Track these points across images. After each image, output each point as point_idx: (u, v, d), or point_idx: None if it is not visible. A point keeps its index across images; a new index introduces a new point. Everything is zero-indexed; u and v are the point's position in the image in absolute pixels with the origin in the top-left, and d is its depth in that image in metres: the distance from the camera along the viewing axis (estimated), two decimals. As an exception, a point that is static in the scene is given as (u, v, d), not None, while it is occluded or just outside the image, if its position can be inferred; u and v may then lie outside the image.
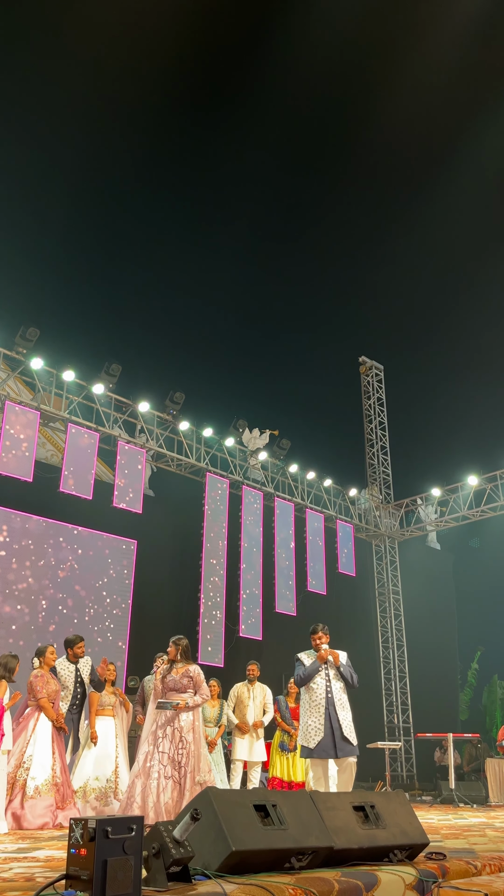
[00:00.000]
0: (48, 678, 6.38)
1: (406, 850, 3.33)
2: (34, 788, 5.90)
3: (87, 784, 6.54)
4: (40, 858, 3.65)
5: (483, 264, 18.37)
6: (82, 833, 2.30)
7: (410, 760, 14.37)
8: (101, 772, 6.64)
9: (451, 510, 14.83)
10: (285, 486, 13.93)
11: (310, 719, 5.80)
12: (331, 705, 5.76)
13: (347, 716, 5.83)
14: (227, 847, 2.73)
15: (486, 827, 5.85)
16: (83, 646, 7.14)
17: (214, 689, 8.11)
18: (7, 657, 6.10)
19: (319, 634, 6.06)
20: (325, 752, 5.68)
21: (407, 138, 17.91)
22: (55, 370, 10.94)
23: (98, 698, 6.89)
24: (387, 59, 16.77)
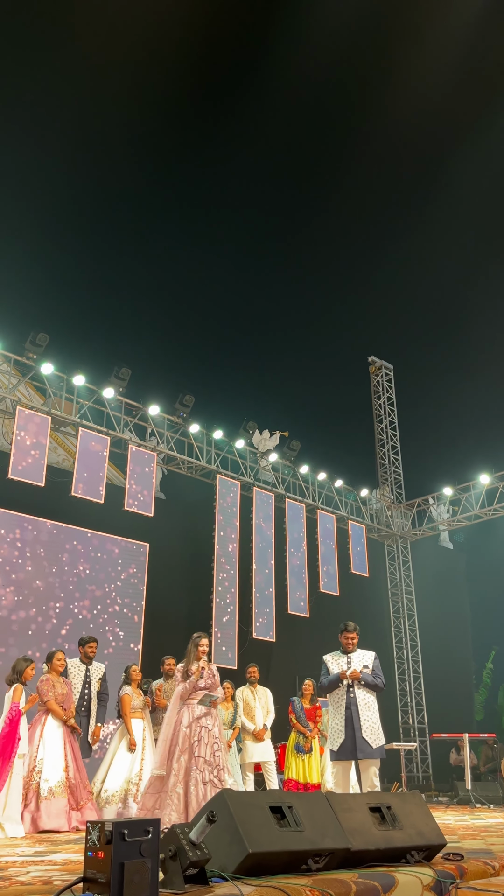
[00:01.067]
0: (54, 682, 6.42)
1: (423, 851, 3.32)
2: (48, 790, 5.93)
3: (122, 788, 6.52)
4: (58, 862, 3.66)
5: (493, 262, 18.31)
6: (99, 836, 2.31)
7: (426, 761, 14.31)
8: (133, 774, 6.62)
9: (463, 509, 14.77)
10: (296, 488, 13.91)
11: (334, 721, 5.74)
12: (352, 705, 5.64)
13: (371, 716, 5.67)
14: (244, 849, 2.72)
15: (503, 827, 5.81)
16: (95, 646, 7.16)
17: (228, 690, 8.11)
18: (19, 661, 6.14)
19: (353, 635, 5.92)
20: (348, 754, 5.55)
21: (416, 134, 17.89)
22: (65, 375, 10.98)
23: (131, 701, 6.87)
24: (390, 53, 16.75)
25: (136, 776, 6.60)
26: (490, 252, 18.45)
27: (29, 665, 6.10)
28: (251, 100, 17.38)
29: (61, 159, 15.62)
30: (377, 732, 5.65)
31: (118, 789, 6.49)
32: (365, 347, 17.42)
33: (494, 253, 18.31)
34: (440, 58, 16.02)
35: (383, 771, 11.38)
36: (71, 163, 15.90)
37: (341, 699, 5.71)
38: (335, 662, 5.88)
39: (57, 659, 6.60)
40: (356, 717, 5.60)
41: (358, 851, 3.08)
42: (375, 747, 5.59)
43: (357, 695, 5.69)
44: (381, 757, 5.68)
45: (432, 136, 18.16)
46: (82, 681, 6.91)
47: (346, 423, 18.22)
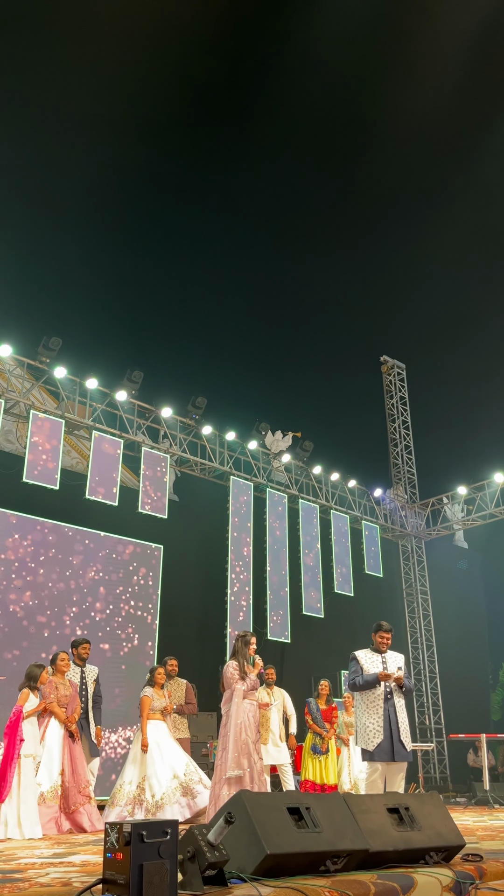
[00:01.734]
0: (57, 683, 6.44)
1: (442, 851, 3.31)
2: (39, 795, 5.95)
3: (169, 788, 6.51)
4: (76, 863, 3.67)
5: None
6: (118, 837, 2.32)
7: (443, 762, 14.24)
8: (177, 767, 6.60)
9: (477, 508, 14.69)
10: (309, 488, 13.90)
11: (368, 720, 5.53)
12: (391, 707, 5.53)
13: (405, 719, 5.62)
14: (262, 850, 2.72)
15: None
16: (88, 648, 7.19)
17: None
18: (32, 667, 6.17)
19: (388, 635, 5.80)
20: (384, 755, 5.45)
21: (430, 133, 17.82)
22: (78, 378, 11.03)
23: (149, 702, 6.85)
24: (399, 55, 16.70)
25: (182, 773, 6.56)
26: (502, 250, 18.35)
27: (43, 670, 6.12)
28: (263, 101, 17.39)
29: (73, 162, 15.69)
30: (408, 735, 5.60)
31: (165, 792, 6.45)
32: (377, 347, 17.38)
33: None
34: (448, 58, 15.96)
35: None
36: (82, 166, 15.96)
37: (378, 699, 5.56)
38: (370, 661, 5.71)
39: (61, 660, 6.63)
40: (394, 720, 5.50)
41: (376, 853, 3.08)
42: (409, 750, 5.56)
43: (394, 697, 5.59)
44: (409, 759, 5.66)
45: (443, 135, 18.09)
46: (79, 682, 6.94)
47: (359, 422, 18.17)
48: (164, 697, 6.99)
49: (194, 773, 6.59)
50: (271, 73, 16.96)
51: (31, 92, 15.13)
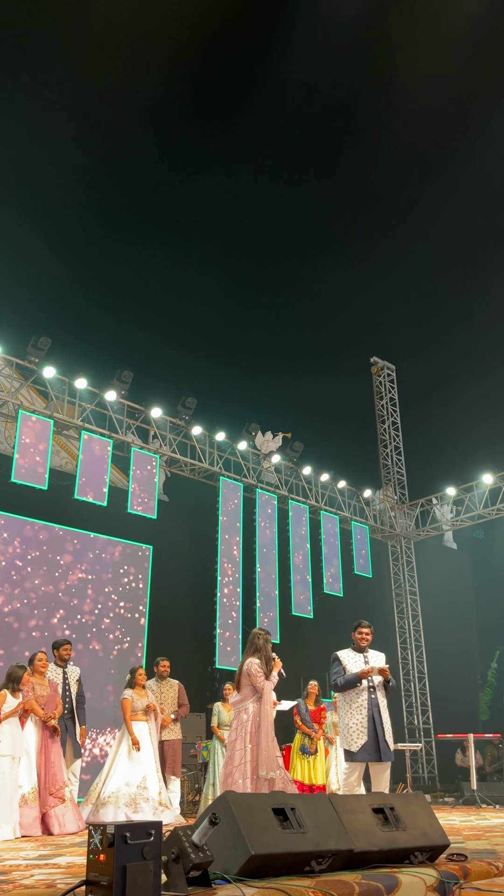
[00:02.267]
0: (34, 684, 6.42)
1: (427, 851, 3.32)
2: (21, 797, 5.93)
3: (119, 790, 6.52)
4: (62, 865, 3.66)
5: (496, 262, 18.29)
6: (101, 839, 2.31)
7: (431, 762, 14.28)
8: (133, 777, 6.62)
9: (466, 509, 14.75)
10: (299, 489, 13.92)
11: (351, 720, 5.46)
12: (374, 707, 5.47)
13: (388, 718, 5.58)
14: (247, 851, 2.73)
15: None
16: (69, 648, 7.17)
17: (229, 691, 8.12)
18: (13, 667, 6.15)
19: (367, 630, 5.75)
20: (368, 756, 5.42)
21: (419, 135, 17.88)
22: (67, 378, 11.01)
23: (130, 704, 6.87)
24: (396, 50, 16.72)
25: (143, 780, 6.58)
26: (494, 253, 18.44)
27: (25, 671, 6.10)
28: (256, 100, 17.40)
29: (62, 162, 15.66)
30: (391, 733, 5.57)
31: (115, 791, 6.48)
32: (367, 348, 17.42)
33: (498, 254, 18.29)
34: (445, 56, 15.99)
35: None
36: (72, 166, 15.93)
37: (362, 700, 5.51)
38: (351, 661, 5.66)
39: (38, 660, 6.60)
40: (378, 719, 5.46)
41: (361, 853, 3.08)
42: (392, 750, 5.55)
43: (378, 695, 5.55)
44: (392, 759, 5.64)
45: (436, 137, 18.16)
46: (61, 684, 6.92)
47: (349, 424, 18.21)
48: (146, 697, 6.99)
49: (147, 790, 6.53)
50: (264, 74, 16.98)
51: (17, 90, 15.08)
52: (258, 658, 5.78)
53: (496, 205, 17.82)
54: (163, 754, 7.45)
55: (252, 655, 5.83)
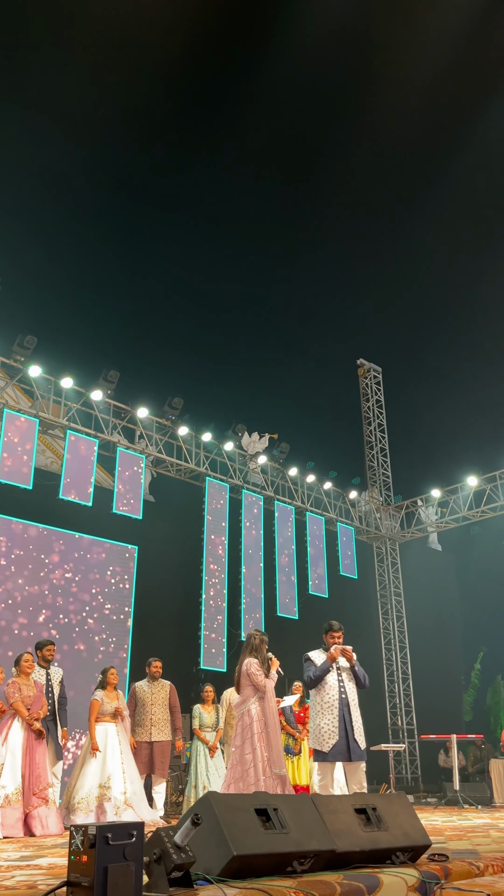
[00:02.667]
0: (21, 684, 6.39)
1: (408, 851, 3.33)
2: (4, 797, 5.91)
3: (90, 793, 6.51)
4: (43, 866, 3.65)
5: (482, 266, 18.40)
6: (83, 840, 2.31)
7: (415, 762, 14.34)
8: (102, 779, 6.61)
9: (451, 511, 14.83)
10: (285, 490, 13.93)
11: (322, 721, 5.52)
12: (345, 706, 5.53)
13: (359, 716, 5.62)
14: (229, 851, 2.73)
15: (490, 828, 5.84)
16: (53, 649, 7.14)
17: (209, 693, 8.13)
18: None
19: (339, 634, 5.82)
20: (340, 756, 5.46)
21: (407, 138, 17.96)
22: (53, 377, 10.96)
23: (98, 706, 6.86)
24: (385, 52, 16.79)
25: (107, 780, 6.56)
26: (479, 256, 18.56)
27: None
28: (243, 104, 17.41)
29: (49, 162, 15.59)
30: (362, 732, 5.61)
31: (87, 795, 6.47)
32: (354, 350, 17.48)
33: (484, 256, 18.41)
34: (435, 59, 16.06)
35: (372, 773, 11.45)
36: (58, 166, 15.86)
37: (333, 699, 5.58)
38: (321, 659, 5.77)
39: (24, 661, 6.57)
40: (348, 719, 5.51)
41: (343, 853, 3.09)
42: (363, 748, 5.57)
43: (348, 695, 5.60)
44: (366, 759, 5.66)
45: (424, 140, 18.25)
46: (45, 685, 6.89)
47: (335, 425, 18.27)
48: (116, 700, 6.97)
49: (110, 790, 6.51)
50: (248, 75, 16.99)
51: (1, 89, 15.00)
52: (255, 658, 5.85)
53: (484, 208, 17.95)
54: (151, 755, 7.44)
55: (249, 656, 5.89)
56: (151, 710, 7.58)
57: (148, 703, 7.60)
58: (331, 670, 5.67)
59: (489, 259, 18.07)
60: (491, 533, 15.43)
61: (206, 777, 7.63)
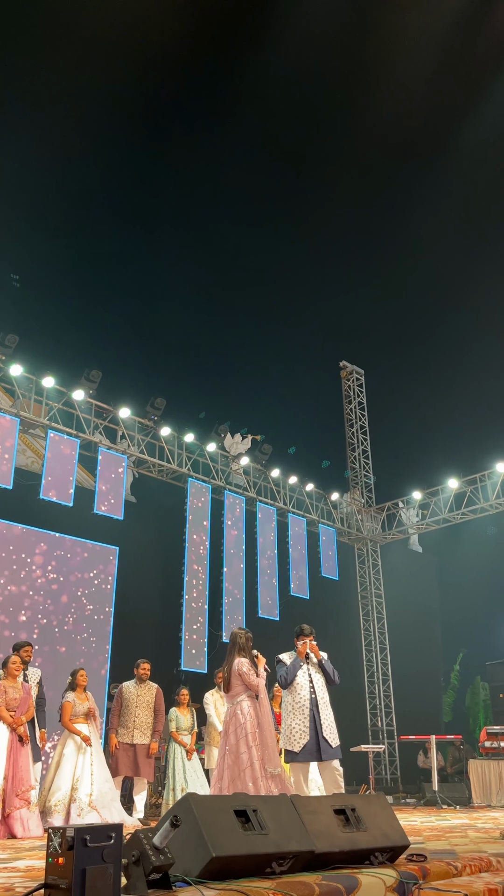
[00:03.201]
0: (7, 687, 6.35)
1: (387, 852, 3.35)
2: None
3: (65, 796, 6.48)
4: (21, 868, 3.62)
5: (466, 270, 18.54)
6: (60, 842, 2.30)
7: (394, 763, 14.41)
8: (73, 782, 6.59)
9: (432, 513, 14.92)
10: (267, 491, 13.94)
11: (293, 721, 5.62)
12: (314, 706, 5.61)
13: (329, 715, 5.68)
14: (208, 853, 2.72)
15: (468, 828, 5.88)
16: (30, 650, 7.11)
17: (185, 697, 8.12)
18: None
19: (310, 639, 5.90)
20: (310, 755, 5.53)
21: (393, 142, 18.05)
22: (35, 377, 10.89)
23: (70, 707, 6.84)
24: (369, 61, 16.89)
25: (76, 781, 6.54)
26: (461, 260, 18.69)
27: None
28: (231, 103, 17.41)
29: (31, 159, 15.49)
30: (335, 731, 5.66)
31: (63, 798, 6.44)
32: (336, 352, 17.55)
33: (469, 263, 18.55)
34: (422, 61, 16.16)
35: (352, 774, 11.49)
36: (40, 163, 15.77)
37: (304, 699, 5.66)
38: (291, 660, 5.89)
39: (12, 663, 6.53)
40: (318, 718, 5.58)
41: (322, 854, 3.10)
42: (335, 746, 5.61)
43: (318, 694, 5.68)
44: (339, 757, 5.70)
45: (409, 142, 18.36)
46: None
47: (318, 427, 18.32)
48: (86, 701, 6.95)
49: (77, 791, 6.49)
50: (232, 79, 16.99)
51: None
52: (245, 657, 5.87)
53: (468, 211, 18.08)
54: (135, 757, 7.42)
55: (238, 656, 5.91)
56: (136, 712, 7.55)
57: (133, 704, 7.57)
58: (301, 667, 5.76)
59: (473, 263, 18.23)
60: (472, 534, 15.54)
61: (183, 779, 7.62)
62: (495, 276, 17.57)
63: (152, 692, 7.70)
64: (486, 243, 18.02)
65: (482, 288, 17.78)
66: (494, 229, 17.92)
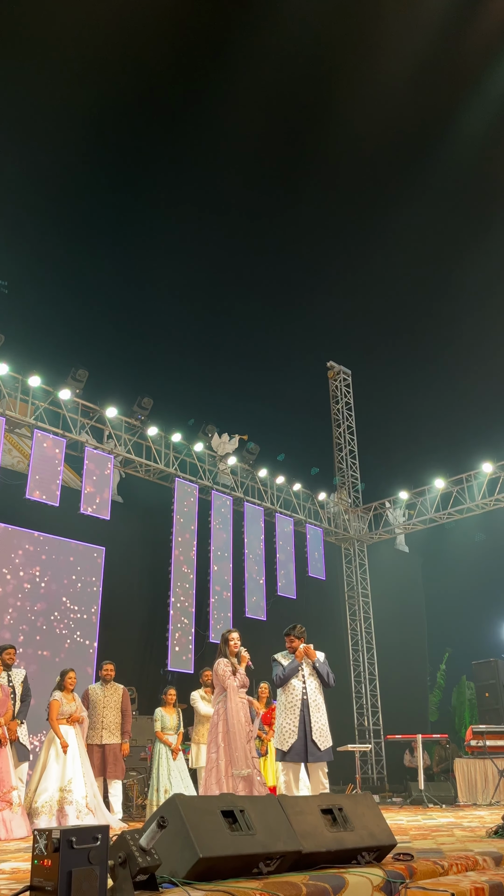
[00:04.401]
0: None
1: (374, 851, 3.35)
2: None
3: (52, 797, 6.44)
4: (6, 871, 3.59)
5: (451, 270, 18.64)
6: (46, 844, 2.28)
7: (381, 762, 14.44)
8: (62, 782, 6.55)
9: (418, 513, 14.97)
10: (255, 491, 13.94)
11: (285, 721, 5.66)
12: (305, 707, 5.63)
13: (321, 718, 5.69)
14: (195, 854, 2.71)
15: (454, 827, 5.90)
16: (13, 653, 7.07)
17: (171, 696, 8.11)
18: None
19: (297, 639, 5.93)
20: (298, 756, 5.55)
21: (376, 143, 18.11)
22: (21, 376, 10.82)
23: (58, 706, 6.80)
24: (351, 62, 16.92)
25: (67, 783, 6.51)
26: (448, 260, 18.79)
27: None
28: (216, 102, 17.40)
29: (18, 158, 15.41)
30: (326, 735, 5.65)
31: (49, 799, 6.40)
32: (324, 352, 17.57)
33: (452, 261, 18.64)
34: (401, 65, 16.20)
35: (338, 773, 11.50)
36: (27, 162, 15.69)
37: (296, 700, 5.68)
38: (287, 661, 5.90)
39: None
40: (308, 719, 5.59)
41: (309, 854, 3.09)
42: (324, 750, 5.61)
43: (310, 696, 5.69)
44: (328, 759, 5.70)
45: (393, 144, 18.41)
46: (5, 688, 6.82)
47: (305, 427, 18.34)
48: (74, 703, 6.92)
49: (72, 793, 6.46)
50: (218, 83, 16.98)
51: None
52: (224, 658, 5.93)
53: (453, 211, 18.18)
54: (104, 758, 7.41)
55: (219, 656, 5.97)
56: (103, 713, 7.57)
57: (100, 705, 7.59)
58: (299, 669, 5.77)
59: (459, 264, 18.31)
60: (458, 534, 15.61)
61: (167, 780, 7.61)
62: (481, 278, 17.68)
63: (118, 693, 7.73)
64: (472, 244, 18.11)
65: (468, 290, 17.88)
66: (480, 232, 18.03)
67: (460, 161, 16.97)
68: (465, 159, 16.97)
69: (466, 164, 17.04)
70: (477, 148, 16.84)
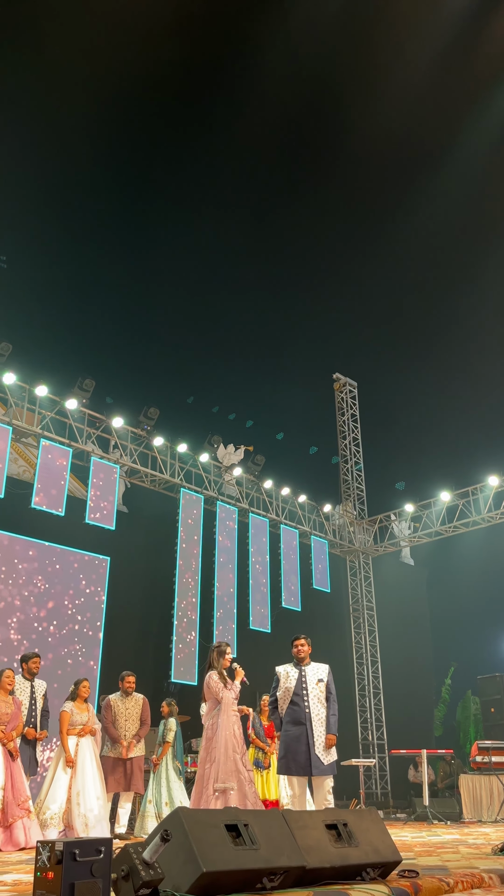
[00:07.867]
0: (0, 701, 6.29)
1: (378, 868, 3.31)
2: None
3: (62, 808, 6.40)
4: (8, 882, 3.57)
5: (458, 282, 18.66)
6: (49, 856, 2.26)
7: (385, 777, 14.32)
8: (71, 794, 6.51)
9: (424, 526, 14.92)
10: (260, 502, 13.92)
11: (288, 735, 5.71)
12: (308, 721, 5.63)
13: (322, 732, 5.68)
14: (198, 868, 2.69)
15: (459, 844, 5.84)
16: (38, 661, 7.04)
17: (166, 709, 8.10)
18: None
19: (301, 642, 5.97)
20: (301, 770, 5.54)
21: (384, 153, 18.19)
22: (27, 385, 10.86)
23: (69, 717, 6.75)
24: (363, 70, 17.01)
25: (76, 796, 6.47)
26: (453, 272, 18.81)
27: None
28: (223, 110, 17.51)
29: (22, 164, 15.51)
30: (324, 749, 5.62)
31: (58, 811, 6.37)
32: (329, 364, 17.59)
33: (460, 275, 18.67)
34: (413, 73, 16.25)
35: (343, 788, 11.42)
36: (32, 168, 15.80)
37: (299, 714, 5.68)
38: (287, 677, 5.86)
39: (6, 677, 6.45)
40: (311, 734, 5.58)
41: (313, 869, 3.06)
42: (327, 764, 5.58)
43: (312, 710, 5.68)
44: (332, 773, 5.67)
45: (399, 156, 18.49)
46: (28, 697, 6.79)
47: (311, 438, 18.34)
48: (86, 712, 6.87)
49: (80, 806, 6.41)
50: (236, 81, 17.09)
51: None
52: (215, 671, 5.94)
53: (459, 223, 18.21)
54: (126, 772, 7.36)
55: (210, 669, 5.98)
56: (126, 725, 7.49)
57: (122, 718, 7.51)
58: (294, 677, 5.82)
59: (466, 275, 18.34)
60: (464, 547, 15.54)
61: (158, 792, 7.64)
62: (489, 291, 17.69)
63: (139, 704, 7.66)
64: (481, 256, 18.14)
65: (476, 302, 17.89)
66: (489, 244, 18.06)
67: (469, 173, 17.03)
68: (474, 170, 17.03)
69: (475, 175, 17.10)
70: (486, 159, 16.91)
